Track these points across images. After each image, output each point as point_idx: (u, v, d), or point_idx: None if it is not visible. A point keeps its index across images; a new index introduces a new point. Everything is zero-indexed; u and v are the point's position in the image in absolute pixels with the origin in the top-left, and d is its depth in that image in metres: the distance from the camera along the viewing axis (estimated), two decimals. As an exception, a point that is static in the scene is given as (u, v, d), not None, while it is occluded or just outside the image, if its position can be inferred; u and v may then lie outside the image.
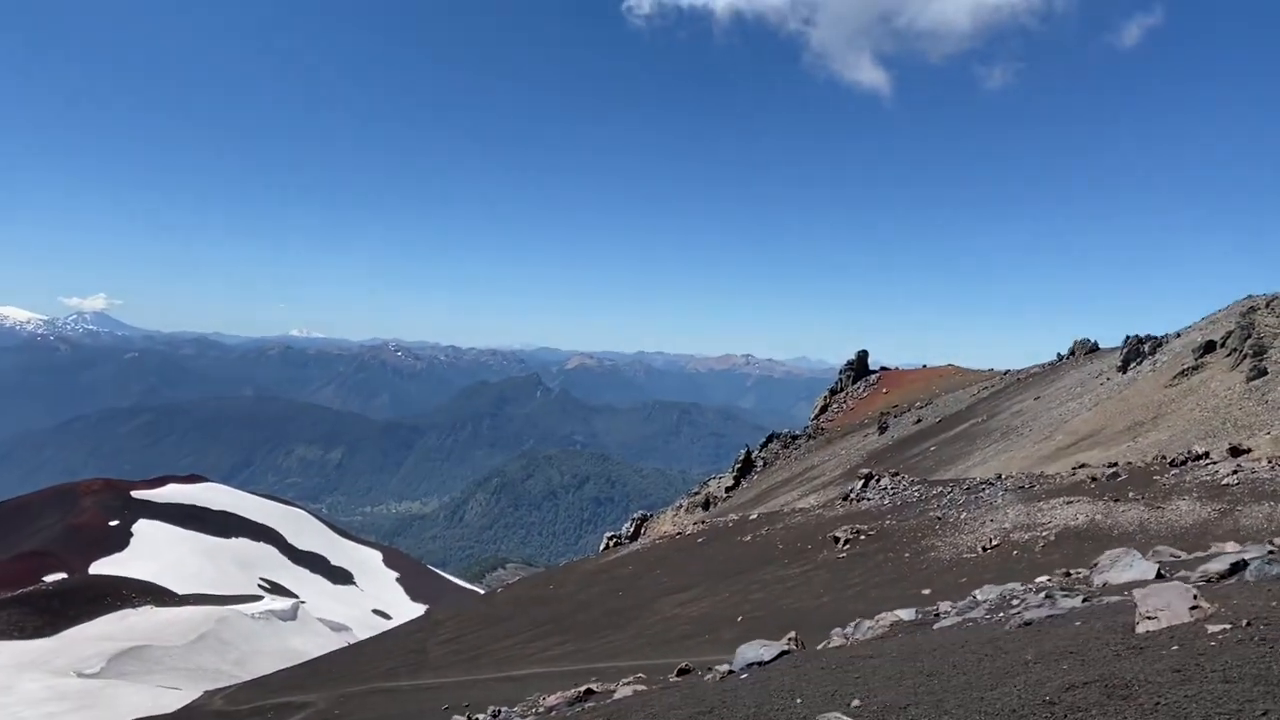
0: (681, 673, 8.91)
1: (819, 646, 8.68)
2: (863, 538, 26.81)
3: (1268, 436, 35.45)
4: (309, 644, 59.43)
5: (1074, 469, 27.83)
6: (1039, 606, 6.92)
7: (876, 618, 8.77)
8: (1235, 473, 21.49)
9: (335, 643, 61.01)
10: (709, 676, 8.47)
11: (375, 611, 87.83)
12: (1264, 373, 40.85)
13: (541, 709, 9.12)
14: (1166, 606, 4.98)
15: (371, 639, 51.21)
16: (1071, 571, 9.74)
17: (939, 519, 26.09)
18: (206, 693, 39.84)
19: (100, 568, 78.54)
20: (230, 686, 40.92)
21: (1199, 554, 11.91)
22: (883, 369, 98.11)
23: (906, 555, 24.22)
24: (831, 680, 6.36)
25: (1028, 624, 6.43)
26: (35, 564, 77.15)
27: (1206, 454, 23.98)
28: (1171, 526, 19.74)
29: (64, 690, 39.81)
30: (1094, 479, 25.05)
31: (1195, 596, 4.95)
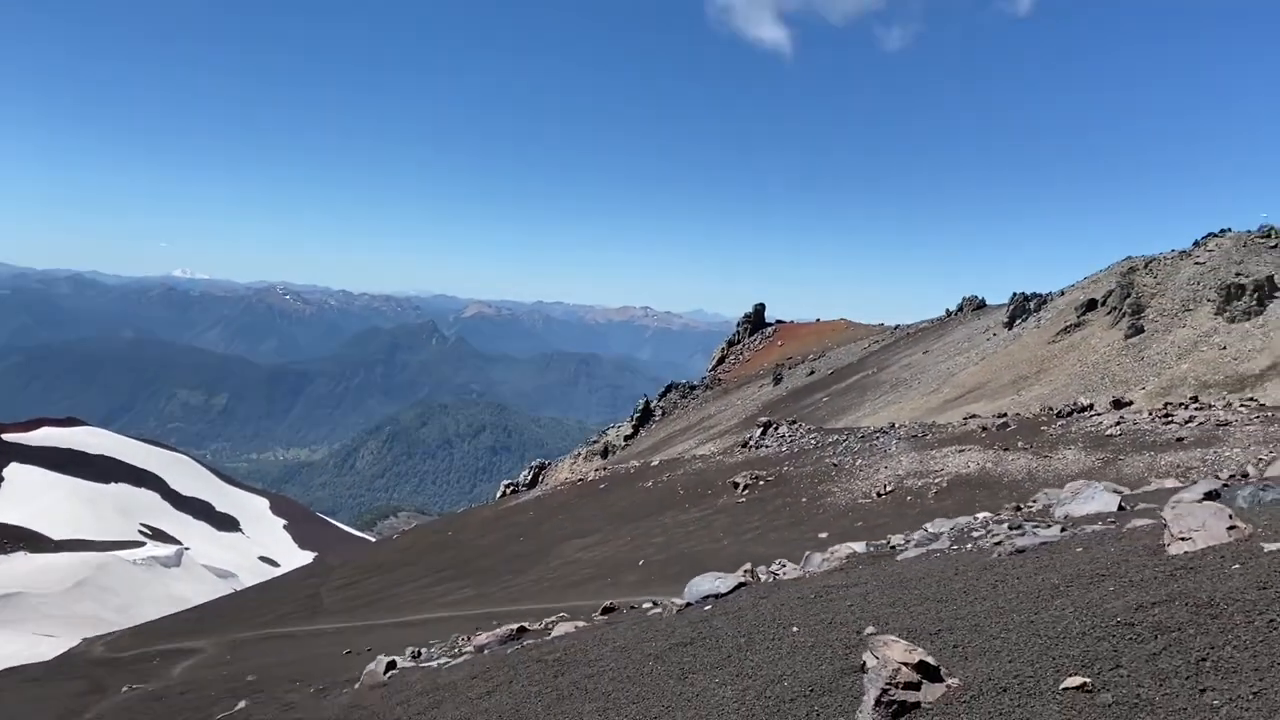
0: (606, 611, 8.78)
1: (769, 580, 8.66)
2: (761, 483, 27.27)
3: (1143, 391, 37.35)
4: (194, 591, 57.83)
5: (965, 419, 28.77)
6: (1019, 536, 7.00)
7: (829, 550, 8.77)
8: (1118, 424, 22.51)
9: (221, 589, 59.51)
10: (658, 611, 8.31)
11: (262, 559, 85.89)
12: (1141, 330, 42.91)
13: (469, 649, 8.85)
14: (1201, 527, 5.00)
15: (260, 585, 50.15)
16: (1021, 506, 9.90)
17: (835, 465, 26.69)
18: (85, 640, 38.40)
19: (-33, 513, 74.54)
20: (112, 634, 39.54)
21: (1146, 489, 12.36)
22: (778, 322, 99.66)
23: (804, 500, 24.74)
24: (822, 609, 6.24)
25: (1020, 551, 6.41)
26: (-106, 509, 72.81)
27: (1091, 406, 25.05)
28: (1058, 475, 20.58)
29: (-71, 639, 37.87)
30: (984, 429, 25.94)
31: (1231, 516, 5.00)
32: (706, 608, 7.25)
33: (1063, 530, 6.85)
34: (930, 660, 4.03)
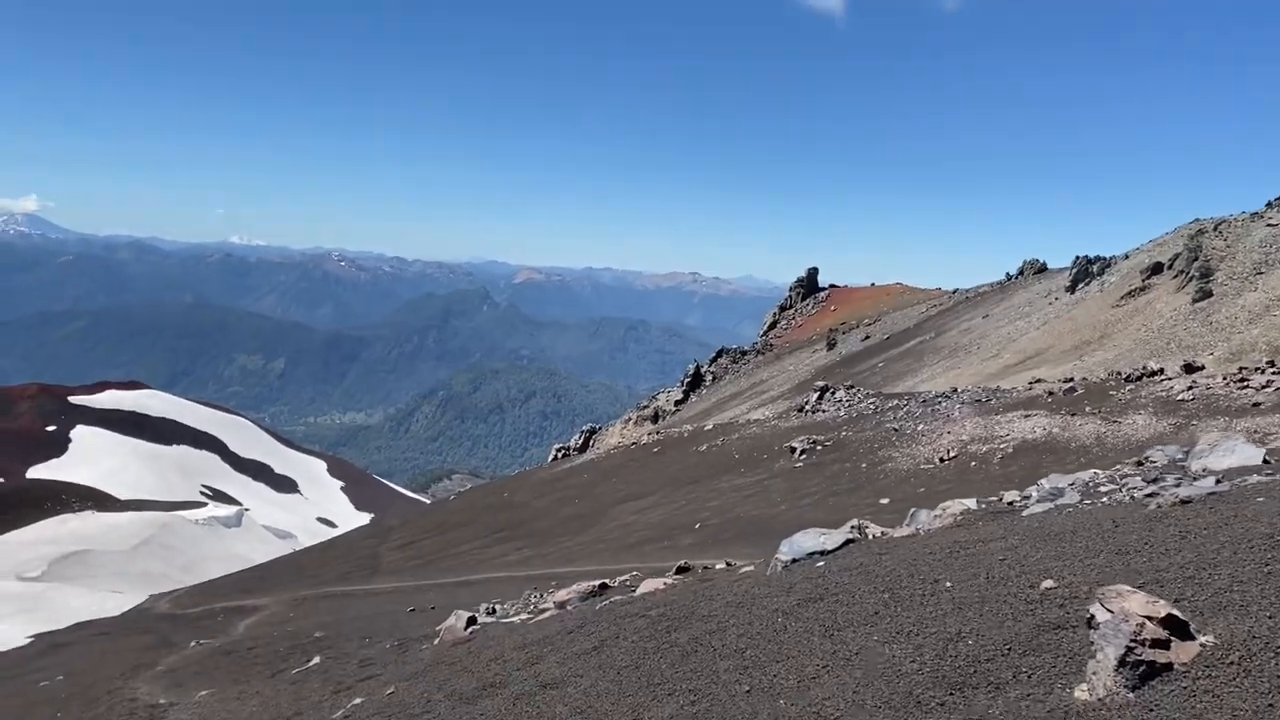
0: (681, 571, 8.58)
1: (880, 536, 8.37)
2: (819, 448, 26.95)
3: (1211, 356, 36.22)
4: (254, 550, 59.14)
5: (1030, 384, 28.13)
6: (1175, 487, 6.65)
7: (940, 506, 8.40)
8: (1190, 389, 21.81)
9: (281, 549, 60.78)
10: (749, 569, 8.04)
11: (320, 519, 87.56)
12: (1209, 294, 41.60)
13: (549, 605, 8.72)
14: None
15: (319, 545, 51.05)
16: (1143, 461, 9.39)
17: (895, 430, 26.26)
18: (152, 596, 39.47)
19: (38, 473, 76.87)
20: (176, 590, 40.58)
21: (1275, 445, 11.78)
22: (831, 286, 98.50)
23: (863, 465, 24.39)
24: (967, 563, 5.90)
25: (1186, 502, 6.01)
26: (-31, 470, 75.26)
27: (1161, 370, 24.34)
28: (1128, 440, 19.99)
29: (5, 593, 39.17)
30: (1050, 393, 25.32)
31: None
32: (819, 564, 6.92)
33: (1217, 482, 6.46)
34: (1178, 614, 3.57)
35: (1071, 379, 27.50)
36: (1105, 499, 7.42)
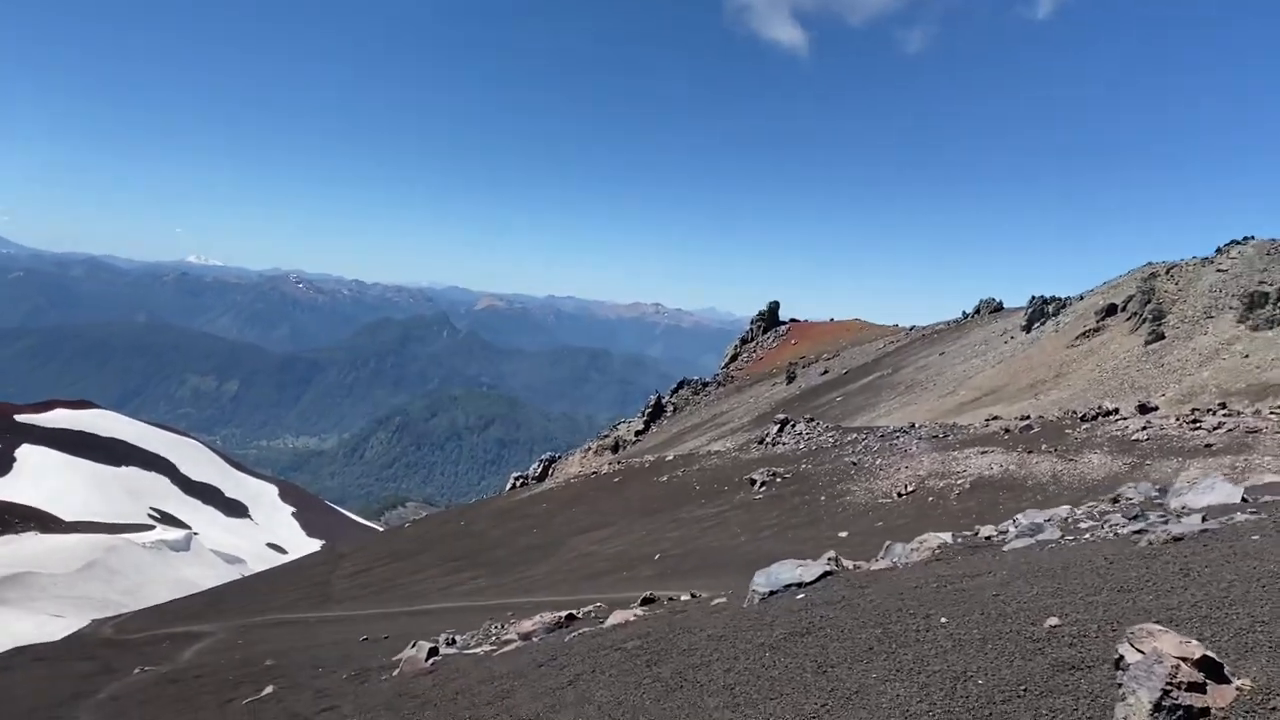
0: (646, 602, 8.43)
1: (856, 569, 8.27)
2: (779, 480, 27.00)
3: (1163, 397, 36.86)
4: (202, 575, 57.85)
5: (987, 420, 28.44)
6: (1162, 524, 6.62)
7: (917, 540, 8.33)
8: (1145, 429, 22.15)
9: (229, 574, 59.56)
10: (722, 601, 7.81)
11: (270, 545, 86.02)
12: (1161, 337, 42.44)
13: (513, 636, 8.49)
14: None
15: (269, 571, 50.10)
16: (1119, 498, 9.45)
17: (854, 464, 26.39)
18: (94, 621, 38.41)
19: (-22, 492, 74.76)
20: (121, 615, 39.53)
21: (1258, 482, 11.86)
22: (792, 320, 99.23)
23: (822, 499, 24.45)
24: (959, 599, 5.84)
25: (1178, 539, 5.99)
26: (-93, 487, 73.05)
27: (1116, 410, 24.71)
28: (1083, 479, 20.26)
29: (-61, 616, 37.87)
30: (1007, 430, 25.61)
31: None
32: (799, 596, 6.81)
33: (1204, 520, 6.48)
34: (1213, 656, 3.43)
35: (1028, 417, 27.85)
36: (1088, 535, 7.43)
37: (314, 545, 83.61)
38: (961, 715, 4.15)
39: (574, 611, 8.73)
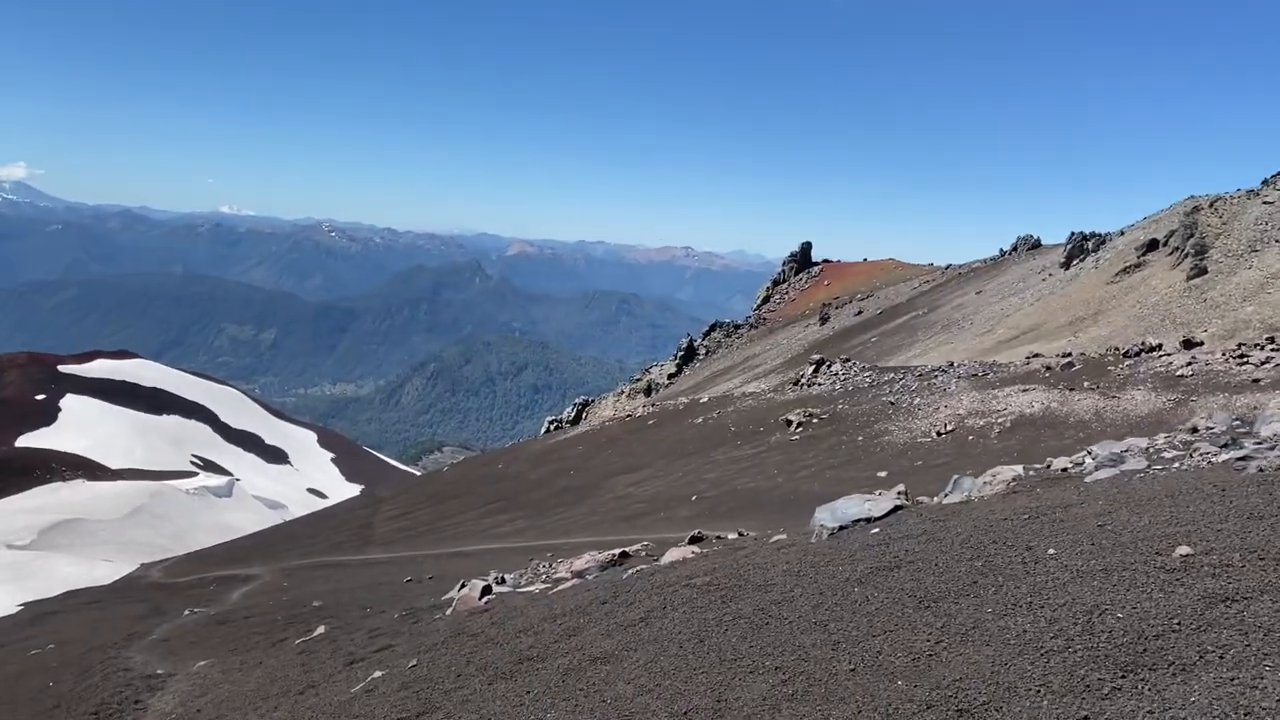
0: (695, 540, 8.37)
1: (924, 501, 8.00)
2: (815, 421, 26.89)
3: (1206, 333, 36.17)
4: (245, 520, 58.93)
5: (1028, 358, 28.06)
6: (1270, 450, 6.38)
7: (990, 472, 8.13)
8: (1189, 364, 21.77)
9: (272, 519, 60.62)
10: (781, 537, 7.63)
11: (311, 490, 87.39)
12: (1204, 271, 41.54)
13: (566, 575, 8.44)
14: None
15: (310, 515, 50.97)
16: (1198, 428, 9.13)
17: (892, 404, 26.22)
18: (143, 565, 39.31)
19: (27, 441, 76.45)
20: (167, 559, 40.45)
21: None
22: (825, 261, 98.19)
23: (860, 439, 24.34)
24: (1065, 530, 5.48)
25: (1262, 470, 5.83)
26: (-43, 437, 74.85)
27: (1159, 346, 24.29)
28: (1127, 415, 20.00)
29: (-6, 561, 38.94)
30: (1048, 368, 25.27)
31: None
32: (873, 531, 6.56)
33: None
34: None
35: (1069, 354, 27.43)
36: (1177, 465, 7.23)
37: (354, 490, 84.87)
38: (1110, 652, 3.80)
39: (626, 549, 8.66)
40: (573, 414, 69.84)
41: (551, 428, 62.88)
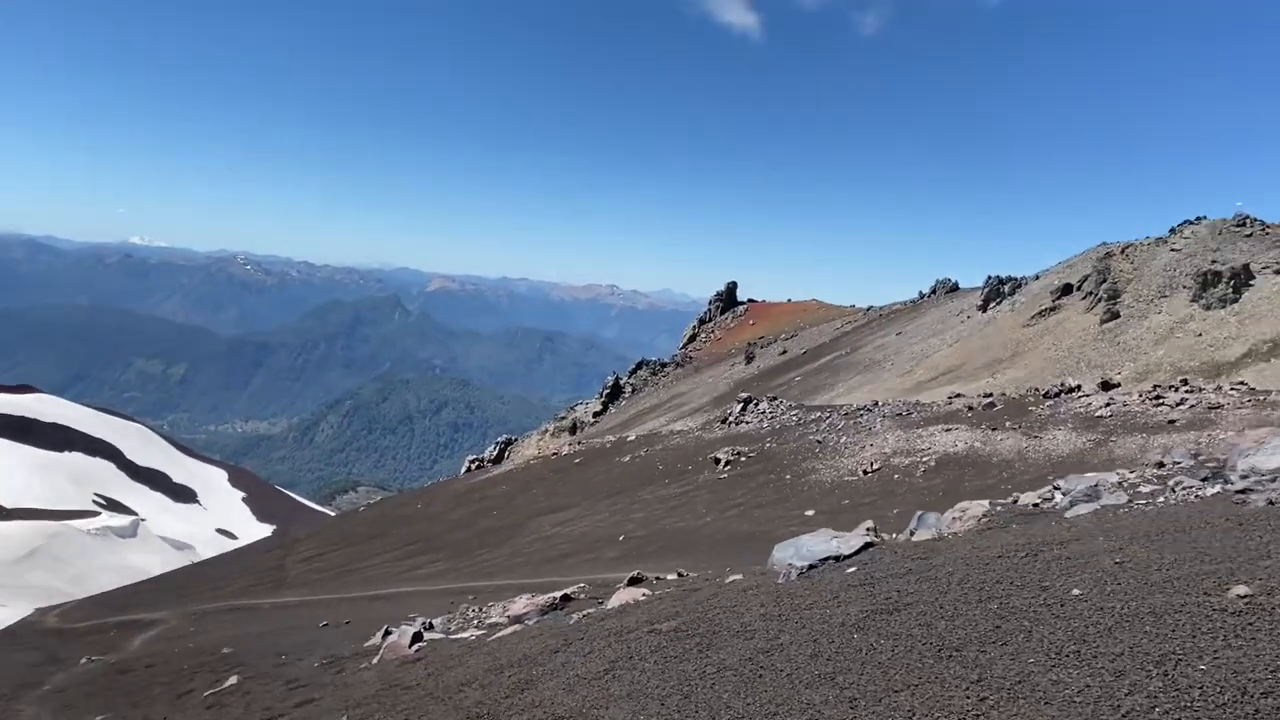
0: (634, 582, 7.91)
1: (891, 538, 7.60)
2: (743, 459, 26.78)
3: (1120, 376, 37.26)
4: (150, 562, 56.50)
5: (950, 398, 28.43)
6: (1270, 484, 6.21)
7: (958, 507, 7.82)
8: (1108, 405, 22.23)
9: (178, 561, 58.27)
10: (737, 579, 7.05)
11: (220, 531, 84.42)
12: (1117, 315, 42.93)
13: (502, 619, 7.84)
14: None
15: (220, 556, 49.08)
16: (1165, 462, 9.00)
17: (819, 443, 26.24)
18: (38, 610, 37.28)
19: (-86, 479, 72.43)
20: (65, 604, 38.44)
21: None
22: (750, 301, 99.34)
23: (788, 477, 24.26)
24: (1068, 567, 5.05)
25: (1273, 504, 5.59)
26: None
27: (1079, 387, 24.81)
28: (1049, 455, 20.26)
29: (-127, 607, 36.49)
30: (970, 408, 25.61)
31: None
32: (849, 570, 6.10)
33: None
34: None
35: (990, 394, 27.90)
36: (1161, 499, 7.05)
37: (265, 530, 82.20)
38: (1212, 712, 3.25)
39: (568, 592, 8.16)
40: (495, 453, 68.79)
41: (473, 467, 61.74)
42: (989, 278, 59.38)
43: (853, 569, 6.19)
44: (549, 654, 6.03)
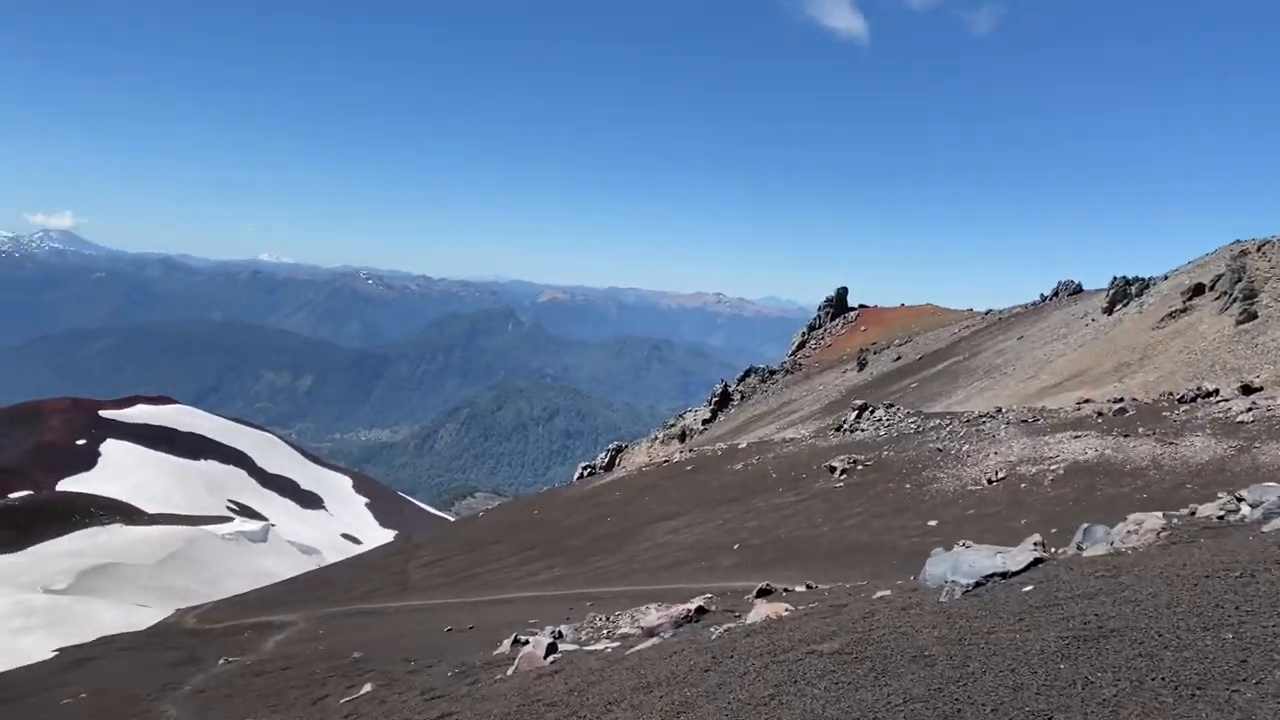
0: (762, 594, 7.79)
1: (1059, 553, 7.10)
2: (860, 467, 26.29)
3: (1259, 379, 35.15)
4: (280, 566, 58.80)
5: (1078, 404, 27.35)
6: None
7: (1133, 519, 7.39)
8: (1250, 410, 21.00)
9: (306, 565, 60.45)
10: (885, 594, 6.76)
11: (345, 536, 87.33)
12: (1254, 316, 40.54)
13: (633, 631, 7.72)
14: None
15: (345, 561, 50.66)
16: None
17: (939, 450, 25.57)
18: (178, 610, 39.15)
19: (68, 485, 77.12)
20: (203, 605, 40.25)
21: None
22: (861, 306, 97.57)
23: (907, 486, 23.70)
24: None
25: None
26: (0, 482, 75.60)
27: (1216, 391, 23.54)
28: (1187, 463, 19.27)
29: (31, 606, 38.91)
30: (1100, 414, 24.57)
31: None
32: (1026, 589, 5.57)
33: None
34: None
35: (1121, 399, 26.68)
36: None
37: (387, 535, 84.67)
38: None
39: (703, 604, 8.00)
40: (606, 460, 69.41)
41: (585, 473, 62.37)
42: (1114, 278, 56.92)
43: (1029, 588, 5.64)
44: (699, 673, 5.56)
